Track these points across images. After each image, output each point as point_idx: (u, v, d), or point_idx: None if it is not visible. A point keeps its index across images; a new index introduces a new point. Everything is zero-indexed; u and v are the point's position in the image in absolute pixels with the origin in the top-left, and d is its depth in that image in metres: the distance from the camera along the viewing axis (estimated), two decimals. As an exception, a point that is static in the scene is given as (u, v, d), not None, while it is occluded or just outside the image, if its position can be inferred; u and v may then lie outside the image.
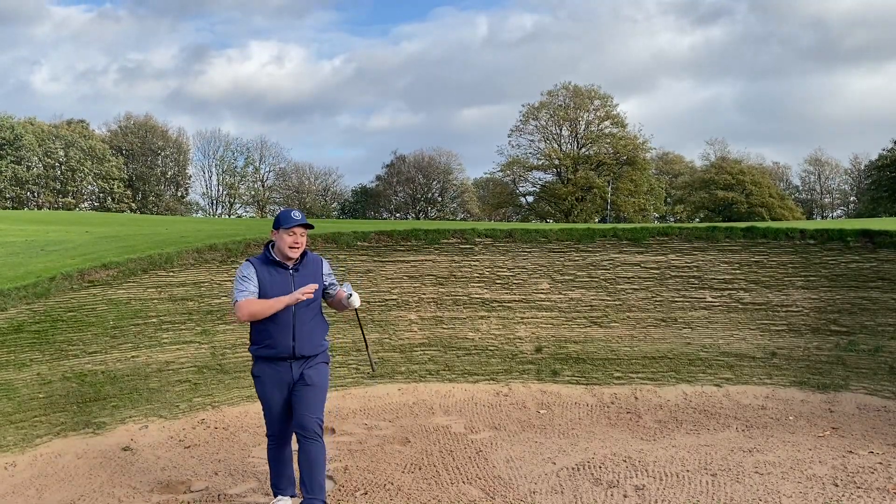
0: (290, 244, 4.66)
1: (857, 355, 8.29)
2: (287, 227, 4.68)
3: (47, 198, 55.35)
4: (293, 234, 4.69)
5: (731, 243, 9.01)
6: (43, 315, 6.89)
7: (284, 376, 4.74)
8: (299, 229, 4.71)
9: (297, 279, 4.71)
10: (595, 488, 5.55)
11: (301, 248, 4.73)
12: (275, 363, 4.72)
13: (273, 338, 4.66)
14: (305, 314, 4.72)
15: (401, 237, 9.02)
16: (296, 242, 4.68)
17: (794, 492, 5.40)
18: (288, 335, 4.66)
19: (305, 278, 4.73)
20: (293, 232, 4.69)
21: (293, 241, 4.67)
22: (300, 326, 4.69)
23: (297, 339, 4.68)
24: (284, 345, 4.66)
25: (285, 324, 4.65)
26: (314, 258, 4.91)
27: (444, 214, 68.09)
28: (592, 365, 8.56)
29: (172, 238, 9.57)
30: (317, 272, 4.84)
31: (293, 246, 4.67)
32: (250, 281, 4.65)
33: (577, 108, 60.50)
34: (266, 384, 4.77)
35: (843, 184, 74.20)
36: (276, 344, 4.66)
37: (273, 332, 4.66)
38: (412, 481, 5.75)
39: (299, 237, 4.71)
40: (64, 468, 6.11)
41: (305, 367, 4.75)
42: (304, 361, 4.75)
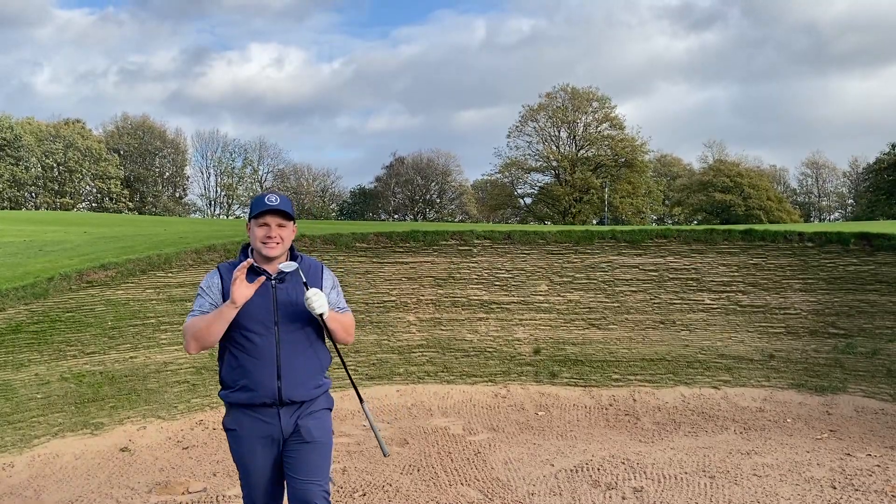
0: (262, 239, 3.26)
1: (855, 358, 8.30)
2: (255, 215, 3.28)
3: (45, 198, 55.31)
4: (265, 224, 3.27)
5: (730, 246, 9.02)
6: (41, 315, 6.88)
7: (270, 429, 3.30)
8: (274, 218, 3.27)
9: (280, 294, 3.28)
10: (593, 490, 5.55)
11: (280, 245, 3.29)
12: (255, 411, 3.29)
13: (250, 376, 3.25)
14: (296, 340, 3.30)
15: (399, 238, 9.02)
16: (268, 237, 3.26)
17: (793, 494, 5.41)
18: (270, 371, 3.25)
19: (295, 292, 3.30)
20: (265, 222, 3.27)
21: (264, 234, 3.26)
22: (288, 359, 3.28)
23: (283, 378, 3.27)
24: (266, 386, 3.25)
25: (266, 355, 3.25)
26: (311, 264, 3.44)
27: (443, 216, 68.12)
28: (591, 367, 8.56)
29: (171, 239, 9.57)
30: (313, 283, 3.37)
31: (267, 244, 3.26)
32: (208, 295, 3.31)
33: (576, 109, 60.55)
34: (244, 441, 3.32)
35: (840, 186, 74.35)
36: (255, 384, 3.23)
37: (249, 367, 3.25)
38: (410, 482, 5.75)
39: (274, 229, 3.26)
40: (62, 469, 6.11)
41: (301, 417, 3.34)
42: (297, 408, 3.34)
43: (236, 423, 3.34)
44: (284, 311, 3.28)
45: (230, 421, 3.37)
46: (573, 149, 61.29)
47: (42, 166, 54.95)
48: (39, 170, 54.75)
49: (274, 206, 3.26)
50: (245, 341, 3.26)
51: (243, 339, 3.26)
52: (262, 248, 3.26)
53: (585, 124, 61.24)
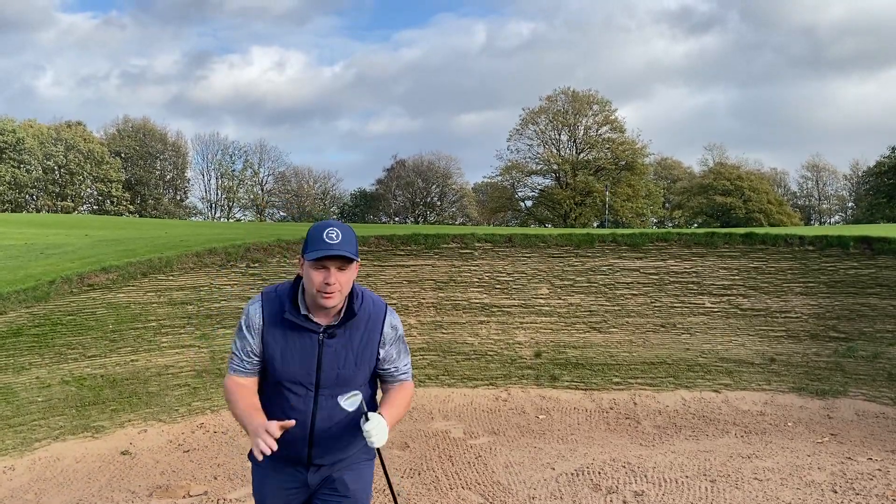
0: (319, 287, 2.61)
1: (856, 361, 8.30)
2: (313, 257, 2.61)
3: (46, 201, 55.34)
4: (324, 268, 2.62)
5: (730, 249, 9.02)
6: (42, 318, 6.89)
7: (298, 478, 2.85)
8: (334, 262, 2.62)
9: (326, 352, 2.72)
10: (594, 494, 5.55)
11: (339, 294, 2.65)
12: (281, 465, 2.82)
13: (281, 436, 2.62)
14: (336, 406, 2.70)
15: (401, 242, 9.03)
16: (327, 284, 2.61)
17: (794, 498, 5.40)
18: (302, 436, 2.74)
19: (344, 352, 2.74)
20: (324, 266, 2.61)
21: (323, 280, 2.61)
22: (324, 425, 2.77)
23: (315, 445, 2.77)
24: (295, 449, 2.76)
25: (300, 413, 2.73)
26: (371, 313, 2.81)
27: (444, 218, 68.13)
28: (591, 370, 8.56)
29: (172, 242, 9.58)
30: (369, 339, 2.79)
31: (325, 292, 2.61)
32: (249, 339, 2.78)
33: (576, 112, 60.62)
34: (267, 479, 2.87)
35: (840, 189, 74.37)
36: (283, 444, 2.61)
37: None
38: (411, 486, 5.75)
39: (334, 274, 2.62)
40: (62, 472, 6.11)
41: (336, 470, 2.86)
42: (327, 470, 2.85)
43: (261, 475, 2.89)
44: (328, 374, 2.73)
45: (256, 473, 2.92)
46: (574, 152, 61.34)
47: (43, 169, 54.99)
48: (40, 172, 54.78)
49: (336, 251, 2.60)
50: (280, 399, 2.76)
51: (278, 397, 2.77)
52: (317, 297, 2.64)
53: (586, 127, 61.30)
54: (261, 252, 8.49)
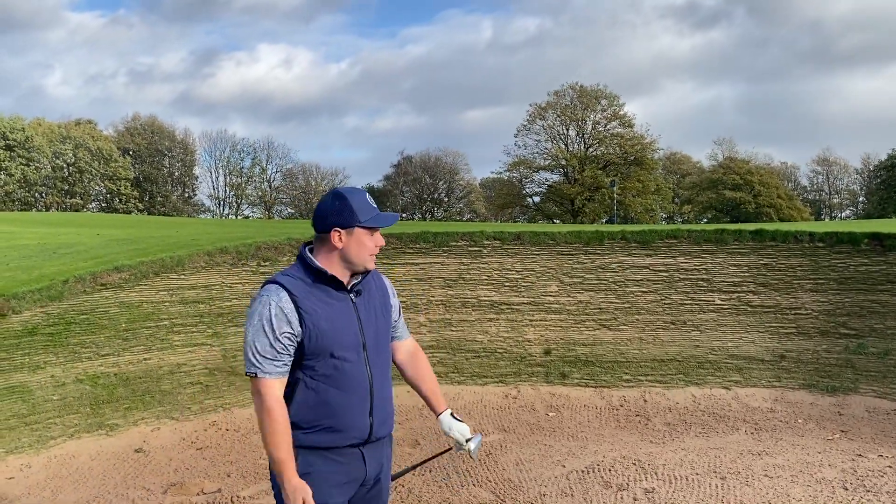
0: (373, 251, 2.75)
1: (867, 358, 8.28)
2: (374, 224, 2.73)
3: (55, 198, 55.66)
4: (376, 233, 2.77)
5: (740, 246, 9.01)
6: (56, 318, 6.95)
7: (353, 472, 2.73)
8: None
9: (361, 308, 2.75)
10: (605, 491, 5.57)
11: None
12: (335, 453, 2.68)
13: (337, 414, 2.64)
14: (382, 364, 2.80)
15: (409, 240, 9.06)
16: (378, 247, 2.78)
17: (804, 495, 5.41)
18: (363, 407, 2.69)
19: (372, 309, 2.79)
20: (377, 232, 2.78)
21: (375, 244, 2.76)
22: (379, 388, 2.76)
23: (375, 412, 2.73)
24: (357, 425, 2.69)
25: (358, 387, 2.68)
26: (378, 281, 2.92)
27: (451, 214, 68.15)
28: (601, 367, 8.58)
29: (183, 241, 9.64)
30: (385, 298, 2.90)
31: (375, 253, 2.78)
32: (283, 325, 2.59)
33: (585, 108, 60.46)
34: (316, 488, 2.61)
35: (851, 184, 73.92)
36: (344, 423, 2.65)
37: (338, 403, 2.65)
38: (423, 484, 5.79)
39: (380, 237, 2.81)
40: (78, 469, 6.18)
41: (382, 460, 2.85)
42: (379, 446, 2.82)
43: (308, 465, 2.63)
44: (370, 331, 2.74)
45: (300, 465, 2.61)
46: (582, 147, 61.19)
47: (52, 167, 55.29)
48: (49, 170, 55.08)
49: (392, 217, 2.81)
50: (335, 372, 2.62)
51: (332, 370, 2.62)
52: (367, 261, 2.73)
53: (594, 122, 61.13)
54: (271, 251, 8.54)
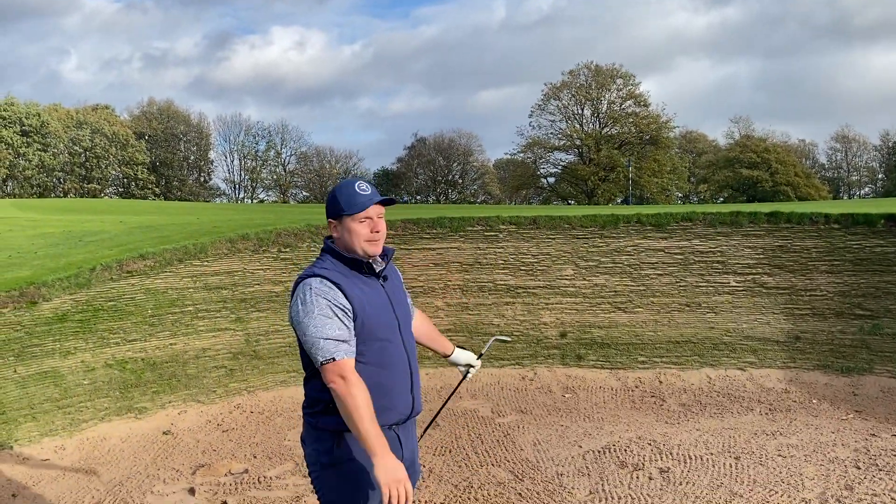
0: (368, 237, 2.76)
1: (882, 339, 8.33)
2: (358, 210, 2.74)
3: (72, 184, 56.18)
4: (367, 216, 2.76)
5: (755, 228, 9.06)
6: (85, 305, 7.16)
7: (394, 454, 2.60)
8: (377, 209, 2.79)
9: (390, 292, 2.88)
10: (620, 471, 5.71)
11: (381, 242, 2.82)
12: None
13: (389, 394, 2.74)
14: (412, 345, 2.94)
15: (427, 225, 9.18)
16: (376, 232, 2.77)
17: (817, 474, 5.52)
18: (405, 382, 2.81)
19: (397, 292, 2.94)
20: (367, 214, 2.76)
21: (371, 229, 2.77)
22: (414, 363, 2.89)
23: (415, 388, 2.87)
24: (404, 401, 2.81)
25: (400, 365, 2.81)
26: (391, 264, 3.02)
27: (465, 196, 68.14)
28: (617, 350, 8.69)
29: (205, 228, 9.82)
30: (397, 273, 3.07)
31: (373, 239, 2.77)
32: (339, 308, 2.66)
33: (600, 87, 60.05)
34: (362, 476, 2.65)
35: (871, 161, 72.99)
36: (394, 401, 2.76)
37: (388, 382, 2.74)
38: (443, 464, 5.95)
39: (377, 221, 2.79)
40: (110, 451, 6.40)
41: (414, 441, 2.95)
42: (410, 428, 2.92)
43: (356, 451, 2.64)
44: (401, 312, 2.87)
45: (345, 451, 2.65)
46: (597, 127, 60.84)
47: (69, 152, 55.78)
48: (67, 156, 55.57)
49: (377, 198, 2.76)
50: (381, 353, 2.72)
51: (380, 353, 2.72)
52: (367, 247, 2.75)
53: (609, 102, 60.74)
54: (291, 237, 8.69)
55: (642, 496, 5.16)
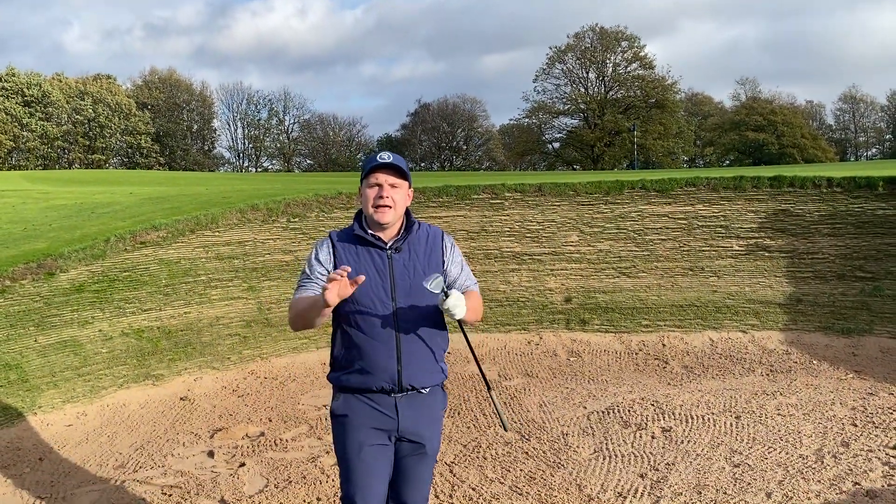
0: (374, 202, 2.93)
1: (882, 300, 8.47)
2: (366, 171, 2.97)
3: (77, 154, 56.19)
4: (377, 184, 2.94)
5: (758, 192, 9.14)
6: (101, 275, 7.33)
7: (387, 422, 2.97)
8: (386, 176, 2.93)
9: (397, 266, 2.95)
10: (624, 430, 5.90)
11: (392, 210, 2.93)
12: (371, 398, 2.97)
13: (367, 357, 2.92)
14: (415, 319, 2.95)
15: (433, 194, 9.29)
16: (381, 198, 2.92)
17: (815, 431, 5.71)
18: (389, 353, 2.92)
19: (411, 266, 2.97)
20: (376, 182, 2.94)
21: (376, 195, 2.93)
22: (408, 340, 2.94)
23: (403, 361, 2.93)
24: (385, 369, 2.93)
25: (384, 335, 2.92)
26: (430, 232, 3.08)
27: (470, 163, 67.94)
28: (621, 314, 8.86)
29: (215, 199, 9.96)
30: (432, 253, 3.03)
31: (379, 205, 2.92)
32: (317, 265, 2.98)
33: (605, 50, 59.46)
34: (354, 430, 2.97)
35: (878, 121, 72.33)
36: (373, 366, 2.92)
37: (366, 348, 2.92)
38: (452, 425, 6.16)
39: (387, 188, 2.92)
40: (129, 417, 6.63)
41: (421, 419, 3.03)
42: (417, 403, 3.01)
43: (347, 408, 2.97)
44: (402, 286, 2.94)
45: (340, 406, 3.00)
46: (602, 90, 60.37)
47: (73, 122, 55.68)
48: (70, 126, 55.48)
49: (387, 161, 2.92)
50: (360, 319, 2.91)
51: (358, 317, 2.91)
52: (373, 212, 2.92)
53: (615, 64, 60.17)
54: (300, 207, 8.83)
55: (645, 454, 5.36)
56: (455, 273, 3.10)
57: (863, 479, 4.76)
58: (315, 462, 5.45)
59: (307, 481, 5.06)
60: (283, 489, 4.95)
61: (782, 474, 4.87)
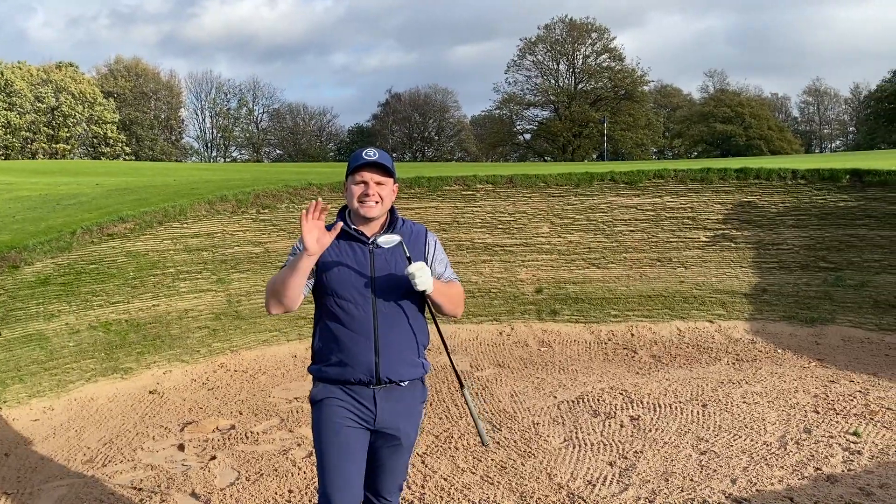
0: (360, 197, 2.97)
1: (844, 290, 8.68)
2: (351, 170, 3.00)
3: (40, 144, 54.98)
4: (362, 181, 2.97)
5: (725, 184, 9.29)
6: (67, 268, 7.22)
7: (364, 412, 3.00)
8: (372, 174, 2.97)
9: (378, 260, 2.99)
10: (593, 419, 5.99)
11: (378, 206, 2.98)
12: (349, 389, 2.99)
13: (345, 350, 2.96)
14: (394, 313, 2.99)
15: (405, 185, 9.28)
16: (366, 195, 2.96)
17: (778, 419, 5.84)
18: (367, 346, 2.95)
19: (394, 258, 3.00)
20: (362, 179, 2.97)
21: (362, 192, 2.97)
22: (386, 333, 2.97)
23: (381, 354, 2.96)
24: (362, 361, 2.95)
25: (362, 328, 2.95)
26: (413, 230, 3.12)
27: (442, 153, 67.85)
28: (590, 304, 8.95)
29: (183, 189, 9.83)
30: (417, 246, 3.07)
31: (364, 201, 2.96)
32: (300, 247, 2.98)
33: (574, 41, 59.71)
34: (332, 418, 2.99)
35: (842, 114, 73.74)
36: (351, 358, 2.95)
37: (345, 340, 2.96)
38: (424, 416, 6.17)
39: (372, 186, 2.97)
40: (98, 411, 6.55)
41: (399, 412, 3.04)
42: (395, 396, 3.03)
43: (327, 393, 3.02)
44: (382, 280, 2.97)
45: (320, 392, 3.04)
46: (572, 82, 60.66)
47: (35, 111, 54.44)
48: (33, 115, 54.25)
49: (372, 160, 2.96)
50: (340, 311, 2.96)
51: (337, 309, 2.96)
52: (359, 207, 2.97)
53: (584, 56, 60.49)
54: (270, 198, 8.76)
55: (614, 442, 5.44)
56: (439, 271, 3.14)
57: (824, 464, 4.89)
58: (286, 454, 5.44)
59: (279, 474, 5.06)
60: (255, 482, 4.94)
61: (747, 461, 4.99)
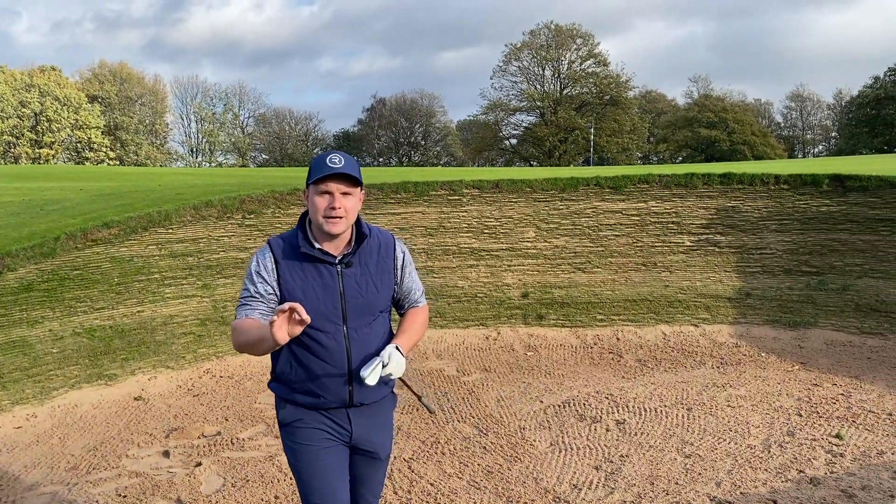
0: (325, 212, 2.64)
1: (826, 294, 8.77)
2: (316, 178, 2.63)
3: (24, 149, 54.50)
4: (327, 192, 2.65)
5: (709, 189, 9.37)
6: (51, 274, 7.17)
7: (339, 431, 2.82)
8: (338, 185, 2.64)
9: (347, 282, 2.72)
10: (579, 423, 6.01)
11: (344, 220, 2.66)
12: (325, 412, 2.80)
13: (316, 381, 2.73)
14: (366, 337, 2.76)
15: (391, 190, 9.29)
16: (332, 209, 2.64)
17: (762, 422, 5.89)
18: (340, 376, 2.73)
19: (364, 282, 2.75)
20: (327, 190, 2.64)
21: (327, 205, 2.64)
22: (358, 358, 2.74)
23: (355, 384, 2.75)
24: (335, 392, 2.75)
25: (334, 358, 2.72)
26: (382, 241, 2.84)
27: (428, 158, 67.90)
28: (576, 308, 8.99)
29: (168, 195, 9.79)
30: (384, 266, 2.82)
31: (330, 216, 2.64)
32: (261, 283, 2.70)
33: (560, 47, 60.04)
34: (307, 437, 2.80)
35: (824, 119, 74.51)
36: (323, 389, 2.73)
37: (316, 370, 2.72)
38: (411, 421, 6.19)
39: (338, 198, 2.65)
40: (82, 417, 6.50)
41: (375, 431, 2.90)
42: (365, 410, 2.85)
43: (297, 416, 2.78)
44: (353, 304, 2.73)
45: (289, 414, 2.79)
46: (557, 87, 60.96)
47: (19, 116, 53.96)
48: (16, 119, 53.76)
49: (338, 169, 2.61)
50: (310, 341, 2.69)
51: (307, 339, 2.68)
52: (323, 223, 2.64)
53: (570, 62, 60.83)
54: (255, 203, 8.74)
55: (600, 446, 5.47)
56: (407, 286, 2.93)
57: (807, 466, 4.94)
58: (272, 461, 5.42)
59: (265, 480, 5.04)
60: (241, 488, 4.92)
61: (731, 464, 5.03)
